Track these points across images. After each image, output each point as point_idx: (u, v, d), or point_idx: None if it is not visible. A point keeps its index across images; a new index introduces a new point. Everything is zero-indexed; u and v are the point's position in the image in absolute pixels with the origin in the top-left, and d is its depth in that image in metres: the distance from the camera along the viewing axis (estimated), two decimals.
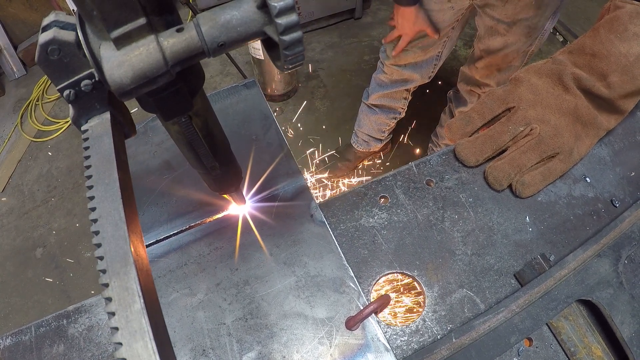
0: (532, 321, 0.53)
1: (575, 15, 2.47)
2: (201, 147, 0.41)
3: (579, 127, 0.67)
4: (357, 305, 0.53)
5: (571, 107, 0.66)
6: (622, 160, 0.73)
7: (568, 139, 0.65)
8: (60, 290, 1.87)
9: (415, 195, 0.63)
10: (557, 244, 0.61)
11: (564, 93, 0.67)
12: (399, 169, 0.65)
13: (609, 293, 0.56)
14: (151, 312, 0.25)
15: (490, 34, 1.20)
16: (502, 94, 0.68)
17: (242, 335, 0.53)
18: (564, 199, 0.66)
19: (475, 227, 0.61)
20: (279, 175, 0.64)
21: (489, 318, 0.50)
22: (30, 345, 0.56)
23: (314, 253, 0.57)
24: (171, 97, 0.32)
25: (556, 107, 0.66)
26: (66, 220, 2.04)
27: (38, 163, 2.28)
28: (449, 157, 0.67)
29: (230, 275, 0.58)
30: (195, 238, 0.62)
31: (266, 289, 0.56)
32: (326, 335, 0.52)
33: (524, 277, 0.56)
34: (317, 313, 0.53)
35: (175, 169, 0.69)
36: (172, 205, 0.65)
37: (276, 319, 0.54)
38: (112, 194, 0.29)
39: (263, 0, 0.27)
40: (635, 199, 0.68)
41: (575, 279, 0.56)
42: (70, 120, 0.35)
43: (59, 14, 0.31)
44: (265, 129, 0.69)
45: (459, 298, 0.55)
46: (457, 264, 0.57)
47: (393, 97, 1.56)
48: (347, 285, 0.54)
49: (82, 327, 0.57)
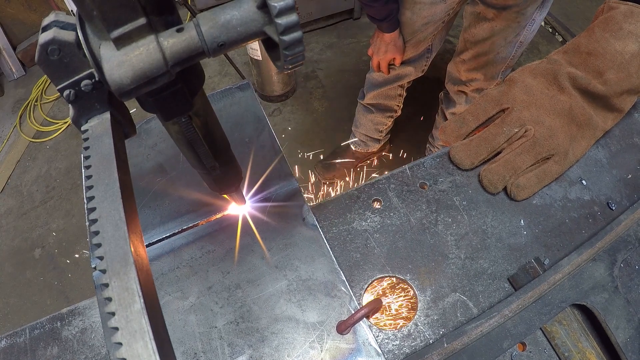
0: (525, 326, 0.52)
1: (574, 15, 2.46)
2: (201, 147, 0.41)
3: (574, 128, 0.66)
4: (348, 309, 0.52)
5: (566, 108, 0.65)
6: (619, 162, 0.73)
7: (563, 140, 0.64)
8: (58, 291, 1.87)
9: (409, 199, 0.63)
10: (552, 248, 0.61)
11: (559, 93, 0.67)
12: (393, 171, 0.65)
13: (604, 297, 0.56)
14: (151, 312, 0.25)
15: (477, 21, 1.20)
16: (496, 95, 0.68)
17: (233, 339, 0.53)
18: (560, 202, 0.66)
19: (469, 230, 0.60)
20: (272, 178, 0.64)
21: (482, 323, 0.50)
22: (25, 347, 0.56)
23: (306, 256, 0.57)
24: (171, 97, 0.32)
25: (551, 107, 0.66)
26: (65, 221, 2.05)
27: (37, 164, 2.29)
28: (443, 160, 0.67)
29: (222, 279, 0.58)
30: (187, 241, 0.61)
31: (257, 293, 0.56)
32: (317, 340, 0.51)
33: (518, 281, 0.55)
34: (308, 317, 0.53)
35: (168, 172, 0.69)
36: (165, 208, 0.65)
37: (267, 322, 0.53)
38: (112, 194, 0.29)
39: (263, 0, 0.27)
40: (632, 201, 0.67)
41: (570, 283, 0.56)
42: (70, 120, 0.35)
43: (59, 14, 0.31)
44: (259, 131, 0.69)
45: (452, 302, 0.54)
46: (450, 268, 0.57)
47: (388, 94, 1.56)
48: (339, 289, 0.54)
49: (75, 329, 0.58)
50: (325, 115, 2.24)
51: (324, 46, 2.54)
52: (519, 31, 1.17)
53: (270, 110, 2.27)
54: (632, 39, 0.63)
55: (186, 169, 0.69)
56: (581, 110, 0.65)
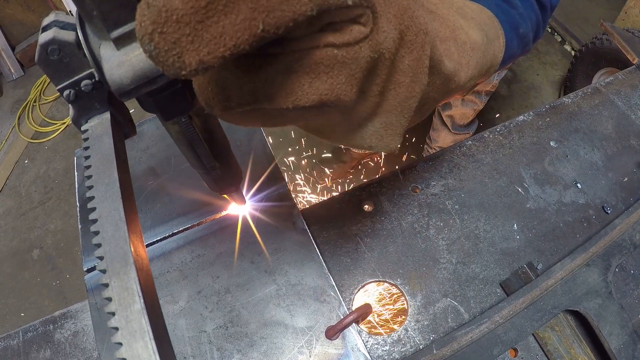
0: (516, 332, 0.52)
1: (573, 15, 2.45)
2: (201, 147, 0.41)
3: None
4: (337, 315, 0.52)
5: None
6: (615, 165, 0.72)
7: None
8: (56, 292, 1.87)
9: (400, 202, 0.62)
10: (545, 252, 0.60)
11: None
12: (384, 175, 0.64)
13: (597, 303, 0.55)
14: (151, 312, 0.25)
15: None
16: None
17: (223, 344, 0.53)
18: (554, 206, 0.65)
19: (461, 234, 0.60)
20: (262, 182, 0.64)
21: (472, 329, 0.49)
22: (18, 350, 0.57)
23: (295, 261, 0.56)
24: (171, 97, 0.31)
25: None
26: (63, 222, 2.05)
27: (35, 164, 2.29)
28: (436, 163, 0.66)
29: (211, 283, 0.57)
30: (178, 245, 0.61)
31: (247, 297, 0.55)
32: (306, 345, 0.51)
33: (510, 287, 0.55)
34: (297, 322, 0.52)
35: (160, 176, 0.68)
36: (157, 211, 0.64)
37: (256, 327, 0.53)
38: (112, 194, 0.29)
39: None
40: (628, 205, 0.66)
41: (563, 288, 0.55)
42: (70, 120, 0.35)
43: (59, 14, 0.31)
44: (250, 135, 0.68)
45: (443, 307, 0.54)
46: (442, 273, 0.56)
47: None
48: (328, 294, 0.53)
49: (67, 332, 0.58)
50: None
51: None
52: None
53: None
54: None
55: (177, 172, 0.68)
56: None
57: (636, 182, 0.70)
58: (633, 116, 0.80)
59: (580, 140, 0.74)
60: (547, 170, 0.69)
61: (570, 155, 0.72)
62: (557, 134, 0.74)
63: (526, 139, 0.73)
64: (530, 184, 0.67)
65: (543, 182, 0.67)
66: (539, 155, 0.71)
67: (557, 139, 0.73)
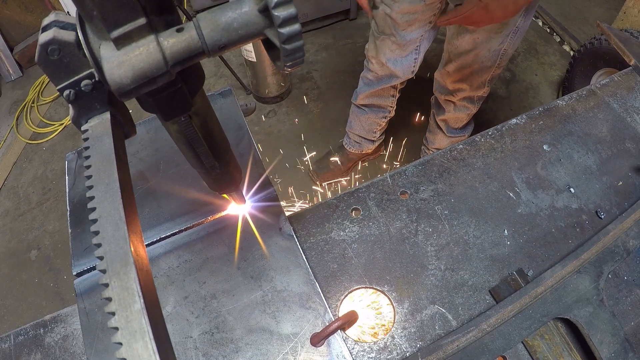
0: (504, 341, 0.51)
1: (573, 15, 2.42)
2: (201, 147, 0.41)
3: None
4: (323, 321, 0.51)
5: None
6: (610, 169, 0.71)
7: None
8: (54, 293, 1.88)
9: (389, 208, 0.61)
10: (536, 258, 0.59)
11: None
12: (373, 180, 0.63)
13: (588, 311, 0.54)
14: (151, 312, 0.25)
15: (459, 32, 1.18)
16: None
17: (208, 349, 0.53)
18: (546, 211, 0.64)
19: (450, 240, 0.59)
20: (250, 186, 0.63)
21: (458, 337, 0.49)
22: (10, 353, 0.57)
23: (281, 267, 0.56)
24: (171, 97, 0.32)
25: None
26: (60, 223, 2.05)
27: (33, 165, 2.29)
28: (426, 167, 0.65)
29: (198, 289, 0.57)
30: (165, 250, 0.61)
31: (233, 303, 0.55)
32: (291, 351, 0.50)
33: (500, 294, 0.54)
34: (282, 328, 0.52)
35: (149, 180, 0.68)
36: (145, 216, 0.64)
37: (242, 333, 0.52)
38: (112, 194, 0.29)
39: (265, 5, 0.27)
40: (622, 210, 0.65)
41: (553, 296, 0.54)
42: (70, 120, 0.35)
43: (59, 14, 0.31)
44: (239, 139, 0.68)
45: (430, 314, 0.53)
46: (430, 279, 0.56)
47: (381, 95, 1.54)
48: (314, 300, 0.53)
49: (57, 336, 0.58)
50: (321, 116, 2.23)
51: (319, 47, 2.52)
52: (503, 40, 1.14)
53: (265, 111, 2.26)
54: None
55: (166, 177, 0.68)
56: None
57: (631, 186, 0.69)
58: (629, 119, 0.79)
59: (574, 144, 0.73)
60: (540, 175, 0.68)
61: (563, 159, 0.71)
62: (550, 138, 0.73)
63: (518, 142, 0.72)
64: (522, 189, 0.66)
65: (535, 187, 0.66)
66: (531, 159, 0.70)
67: (551, 143, 0.72)
